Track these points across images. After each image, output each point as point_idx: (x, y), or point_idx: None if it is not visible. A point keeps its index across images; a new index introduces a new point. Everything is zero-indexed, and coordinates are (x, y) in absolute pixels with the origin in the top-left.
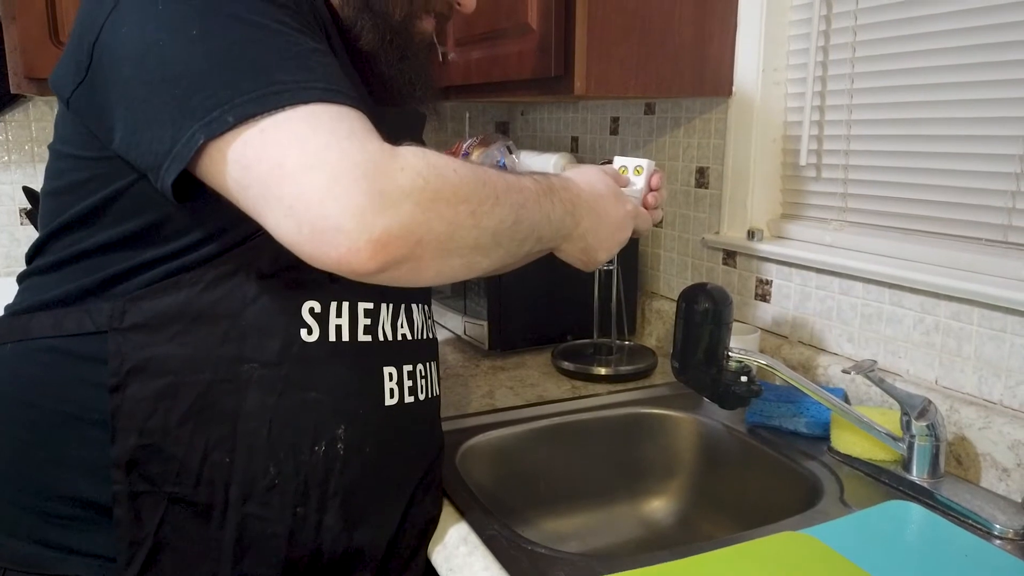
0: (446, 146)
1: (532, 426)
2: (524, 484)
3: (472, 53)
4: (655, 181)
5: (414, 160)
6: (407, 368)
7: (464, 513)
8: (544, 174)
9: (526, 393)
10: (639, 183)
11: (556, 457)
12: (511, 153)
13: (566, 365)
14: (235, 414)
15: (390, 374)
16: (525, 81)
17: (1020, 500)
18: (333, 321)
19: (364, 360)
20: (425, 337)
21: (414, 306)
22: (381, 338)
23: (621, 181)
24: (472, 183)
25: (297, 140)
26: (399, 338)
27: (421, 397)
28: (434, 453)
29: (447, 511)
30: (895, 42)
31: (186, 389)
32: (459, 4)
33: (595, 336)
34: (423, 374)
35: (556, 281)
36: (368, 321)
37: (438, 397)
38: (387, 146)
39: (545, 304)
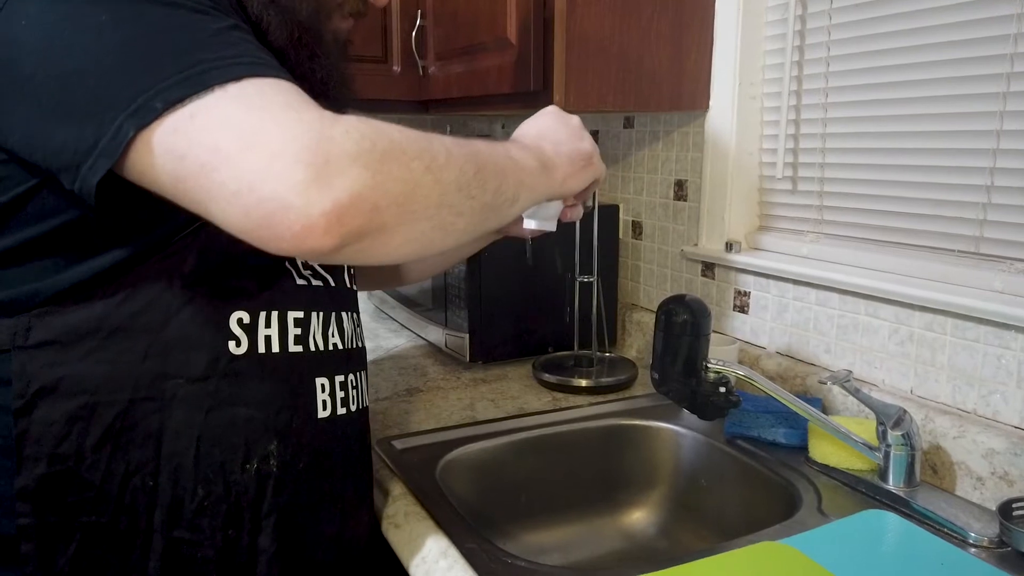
0: None
1: (513, 438)
2: (505, 497)
3: (452, 67)
4: None
5: (357, 124)
6: (339, 379)
7: (444, 527)
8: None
9: (507, 405)
10: None
11: (537, 469)
12: None
13: (547, 377)
14: (158, 434)
15: (322, 385)
16: (505, 95)
17: (994, 508)
18: (262, 332)
19: (295, 371)
20: (355, 346)
21: (344, 314)
22: (312, 348)
23: None
24: (420, 140)
25: (230, 121)
26: (330, 347)
27: (353, 408)
28: (365, 466)
29: (426, 524)
30: (868, 57)
31: (103, 410)
32: None
33: (576, 348)
34: (354, 384)
35: (537, 293)
36: (299, 331)
37: (367, 408)
38: (327, 113)
39: (526, 316)
